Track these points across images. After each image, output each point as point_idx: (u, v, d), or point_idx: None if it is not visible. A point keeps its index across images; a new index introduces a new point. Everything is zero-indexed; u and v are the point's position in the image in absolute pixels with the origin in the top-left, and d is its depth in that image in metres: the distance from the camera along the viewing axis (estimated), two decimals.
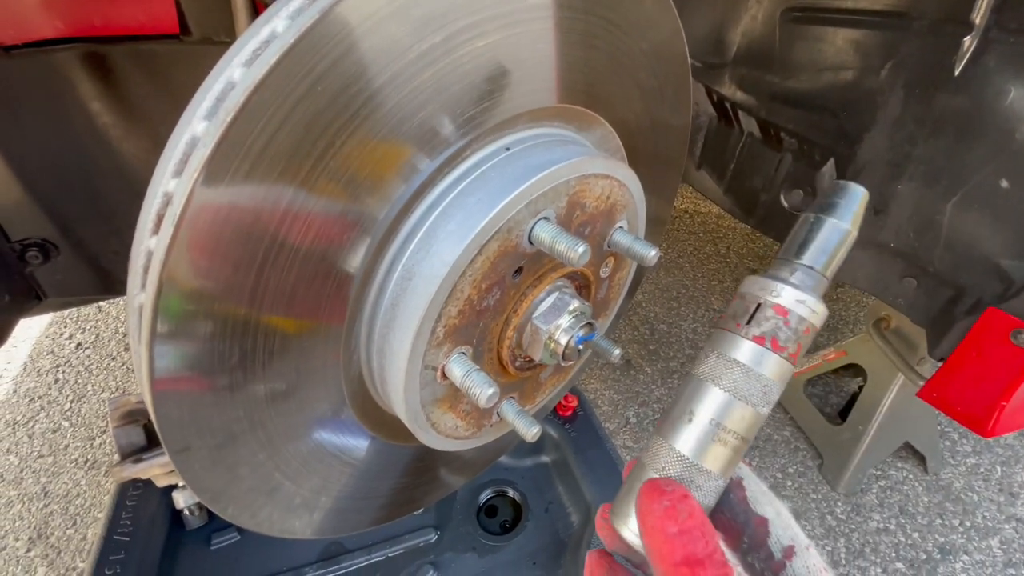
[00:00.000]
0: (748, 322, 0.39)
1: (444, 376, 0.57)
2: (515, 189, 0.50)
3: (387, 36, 0.39)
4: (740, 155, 1.49)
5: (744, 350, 0.39)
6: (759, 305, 0.39)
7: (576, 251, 0.51)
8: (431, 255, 0.49)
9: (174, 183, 0.37)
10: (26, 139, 1.06)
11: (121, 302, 2.53)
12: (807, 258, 0.40)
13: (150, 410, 0.41)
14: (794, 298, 0.38)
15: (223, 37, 1.01)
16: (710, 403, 0.39)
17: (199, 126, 0.36)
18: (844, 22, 1.13)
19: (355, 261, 0.48)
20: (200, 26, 1.01)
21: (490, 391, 0.54)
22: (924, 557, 1.77)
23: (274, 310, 0.45)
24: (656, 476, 0.39)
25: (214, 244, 0.37)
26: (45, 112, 1.06)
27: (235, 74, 0.36)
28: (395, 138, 0.44)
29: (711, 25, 1.35)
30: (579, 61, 0.57)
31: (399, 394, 0.54)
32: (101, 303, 2.51)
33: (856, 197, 0.41)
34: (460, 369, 0.55)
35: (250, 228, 0.39)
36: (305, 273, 0.45)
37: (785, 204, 1.40)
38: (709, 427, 0.39)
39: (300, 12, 0.36)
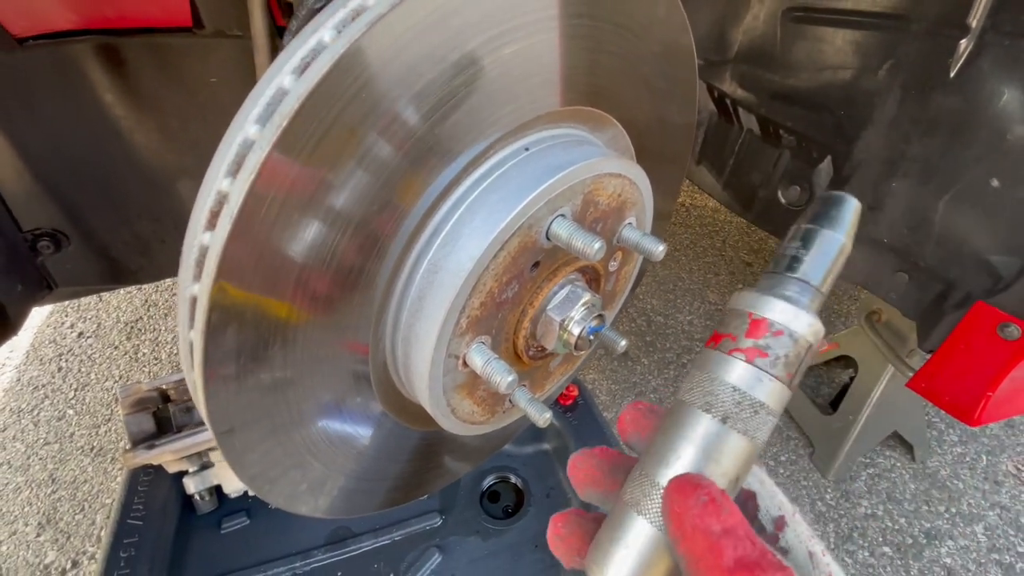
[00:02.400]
0: (739, 340, 0.35)
1: (465, 364, 0.60)
2: (536, 188, 0.53)
3: (428, 44, 0.41)
4: (739, 151, 1.52)
5: (736, 371, 0.35)
6: (752, 322, 0.35)
7: (592, 247, 0.54)
8: (457, 250, 0.52)
9: (227, 182, 0.39)
10: (39, 130, 1.06)
11: (123, 292, 2.54)
12: (801, 271, 0.36)
13: (199, 395, 0.44)
14: (789, 314, 0.35)
15: (236, 31, 1.03)
16: (700, 432, 0.35)
17: (251, 129, 0.39)
18: (844, 23, 1.15)
19: (387, 256, 0.51)
20: (213, 20, 1.02)
21: (509, 378, 0.57)
22: (910, 542, 1.83)
23: (314, 301, 0.47)
24: (645, 520, 0.35)
25: (264, 240, 0.40)
26: (58, 103, 1.06)
27: (285, 81, 0.39)
28: (428, 140, 0.47)
29: (713, 23, 1.37)
30: (594, 65, 0.60)
31: (423, 381, 0.57)
32: (102, 293, 2.51)
33: (849, 208, 0.38)
34: (480, 358, 0.58)
35: (297, 225, 0.42)
36: (343, 268, 0.47)
37: (783, 200, 1.44)
38: (700, 460, 0.35)
39: (345, 23, 0.39)
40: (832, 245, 0.37)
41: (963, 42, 1.03)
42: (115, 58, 1.05)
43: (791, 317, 0.35)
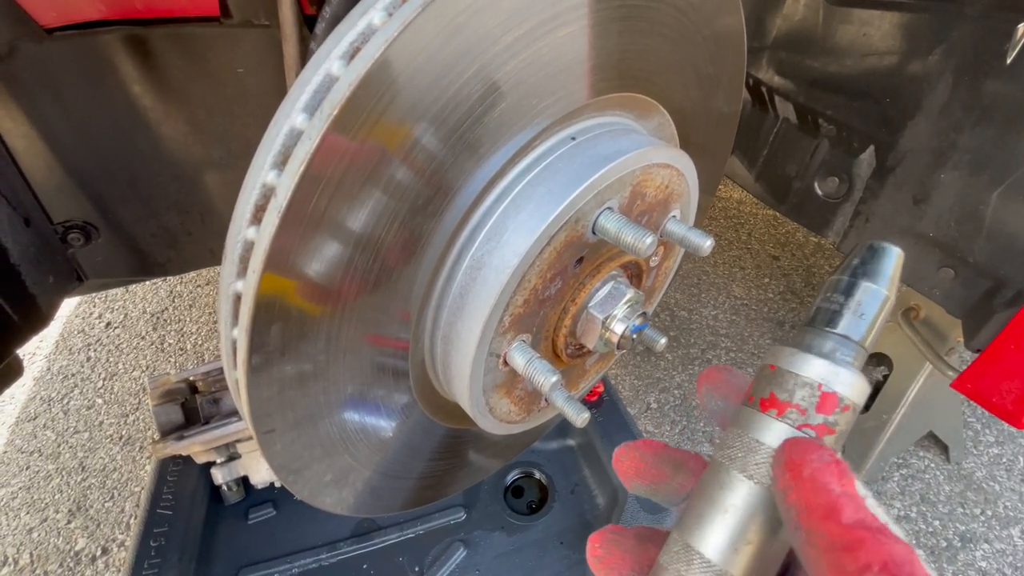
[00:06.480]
0: (776, 400, 0.34)
1: (505, 363, 0.58)
2: (586, 179, 0.50)
3: (479, 29, 0.39)
4: (774, 141, 1.47)
5: (774, 432, 0.33)
6: (789, 381, 0.34)
7: (644, 242, 0.51)
8: (502, 245, 0.50)
9: (273, 175, 0.37)
10: (67, 121, 1.06)
11: (149, 284, 2.57)
12: (842, 327, 0.34)
13: (242, 394, 0.42)
14: (829, 372, 0.33)
15: (263, 20, 1.01)
16: (736, 494, 0.34)
17: (298, 118, 0.37)
18: (893, 5, 1.10)
19: (430, 252, 0.49)
20: (240, 9, 1.00)
21: (553, 379, 0.55)
22: (944, 545, 1.78)
23: (357, 299, 0.46)
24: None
25: (312, 235, 0.38)
26: (86, 95, 1.06)
27: (334, 67, 0.37)
28: (475, 130, 0.44)
29: (751, 8, 1.32)
30: (645, 48, 0.57)
31: (464, 380, 0.55)
32: (130, 284, 2.55)
33: (890, 258, 0.35)
34: (522, 357, 0.56)
35: (343, 220, 0.40)
36: (387, 264, 0.45)
37: (819, 192, 1.39)
38: (738, 524, 0.33)
39: (396, 5, 0.36)
40: (875, 299, 0.34)
41: (1021, 26, 0.97)
42: (143, 49, 1.05)
43: (829, 375, 0.33)
